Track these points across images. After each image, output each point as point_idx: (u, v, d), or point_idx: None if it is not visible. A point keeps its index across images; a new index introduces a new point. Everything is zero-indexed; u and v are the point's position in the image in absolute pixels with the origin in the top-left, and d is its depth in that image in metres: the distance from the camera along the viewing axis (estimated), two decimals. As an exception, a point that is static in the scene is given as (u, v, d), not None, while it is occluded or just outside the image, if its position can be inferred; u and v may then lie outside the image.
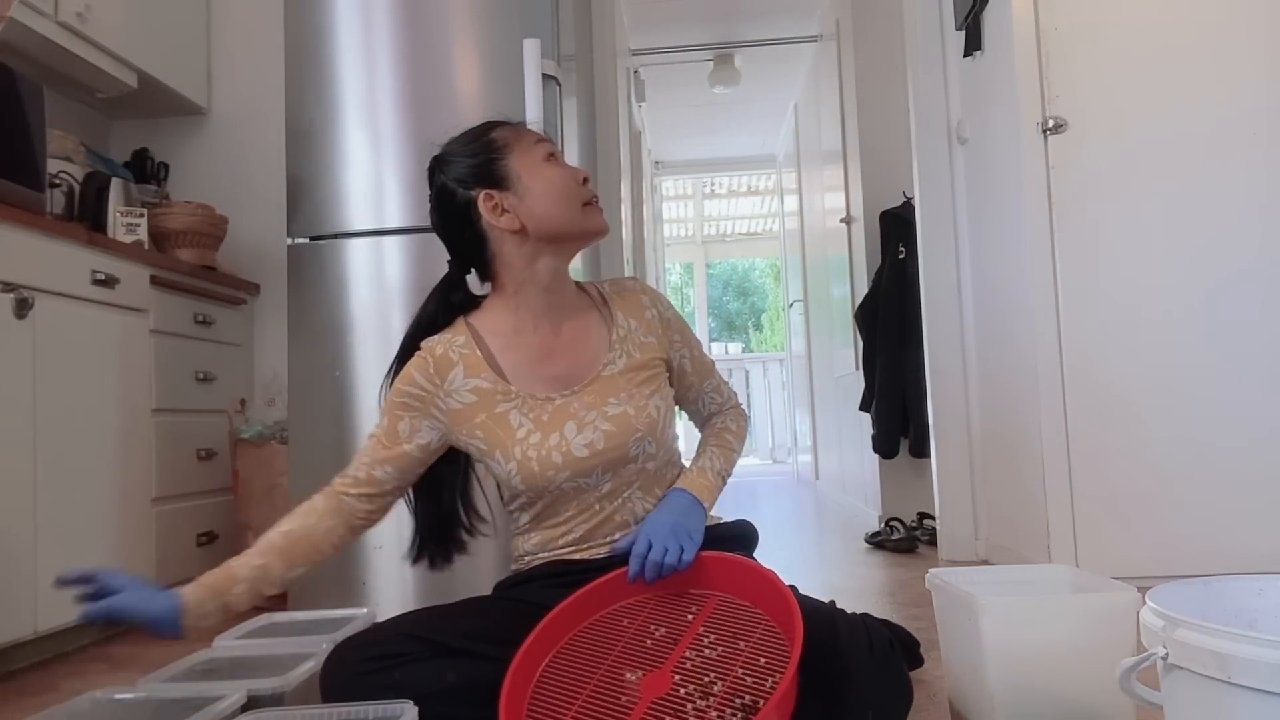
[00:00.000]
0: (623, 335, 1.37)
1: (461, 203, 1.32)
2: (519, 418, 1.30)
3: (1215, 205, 2.37)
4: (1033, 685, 1.19)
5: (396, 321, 2.27)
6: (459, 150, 1.36)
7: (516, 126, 1.37)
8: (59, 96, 2.85)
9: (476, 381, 1.31)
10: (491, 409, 1.30)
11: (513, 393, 1.31)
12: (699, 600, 1.19)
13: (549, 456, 1.27)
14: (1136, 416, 2.37)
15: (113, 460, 2.31)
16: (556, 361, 1.34)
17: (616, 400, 1.31)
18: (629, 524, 1.33)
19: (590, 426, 1.29)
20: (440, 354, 1.32)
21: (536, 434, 1.29)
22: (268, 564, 1.24)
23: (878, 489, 3.80)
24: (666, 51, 5.06)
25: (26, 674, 2.03)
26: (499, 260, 1.33)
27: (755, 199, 9.58)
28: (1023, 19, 2.48)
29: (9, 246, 2.00)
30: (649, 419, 1.32)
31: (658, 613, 1.18)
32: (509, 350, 1.34)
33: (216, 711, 1.07)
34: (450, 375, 1.31)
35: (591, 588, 1.21)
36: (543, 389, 1.32)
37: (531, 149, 1.33)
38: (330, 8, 2.35)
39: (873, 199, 3.89)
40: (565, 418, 1.30)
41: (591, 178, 1.36)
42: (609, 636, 1.16)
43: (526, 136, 1.35)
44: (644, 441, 1.31)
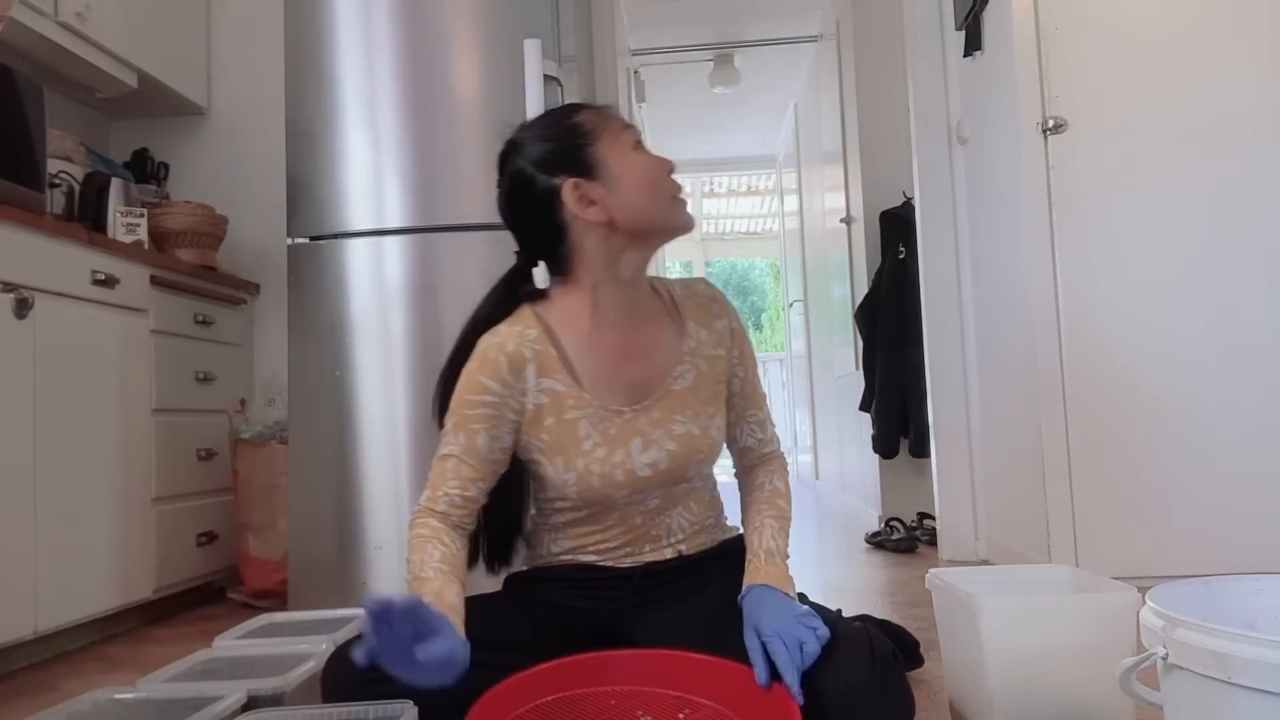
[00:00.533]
0: (693, 347, 1.29)
1: (542, 191, 1.21)
2: (588, 428, 1.22)
3: (1215, 205, 2.37)
4: (1033, 685, 1.19)
5: (396, 321, 2.27)
6: (539, 134, 1.24)
7: (601, 110, 1.26)
8: (59, 96, 2.85)
9: (550, 382, 1.22)
10: (561, 414, 1.22)
11: (585, 400, 1.22)
12: (694, 705, 1.13)
13: (612, 473, 1.21)
14: (1136, 416, 2.37)
15: (113, 460, 2.31)
16: (631, 367, 1.25)
17: (683, 418, 1.25)
18: (662, 538, 1.29)
19: (656, 445, 1.23)
20: (513, 350, 1.21)
21: (603, 448, 1.22)
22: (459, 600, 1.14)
23: (878, 489, 3.80)
24: (666, 51, 5.06)
25: (26, 674, 2.02)
26: (579, 254, 1.22)
27: (755, 198, 9.59)
28: (1023, 19, 2.49)
29: (9, 246, 2.00)
30: (711, 441, 1.27)
31: (647, 703, 1.14)
32: (585, 352, 1.24)
33: (216, 711, 1.07)
34: (525, 372, 1.21)
35: (589, 658, 1.16)
36: (615, 399, 1.23)
37: (619, 135, 1.23)
38: (330, 8, 2.35)
39: (873, 199, 3.89)
40: (633, 433, 1.23)
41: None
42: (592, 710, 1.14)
43: (613, 122, 1.24)
44: (704, 463, 1.28)
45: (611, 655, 1.18)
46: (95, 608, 2.22)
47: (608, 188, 1.20)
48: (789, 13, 4.82)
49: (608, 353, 1.24)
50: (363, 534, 2.25)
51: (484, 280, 2.24)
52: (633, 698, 1.14)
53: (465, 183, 2.29)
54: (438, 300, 2.27)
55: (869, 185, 3.92)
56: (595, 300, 1.24)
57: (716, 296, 1.34)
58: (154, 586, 2.44)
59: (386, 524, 2.24)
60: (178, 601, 2.63)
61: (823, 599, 1.34)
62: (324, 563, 2.25)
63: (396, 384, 2.26)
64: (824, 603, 1.28)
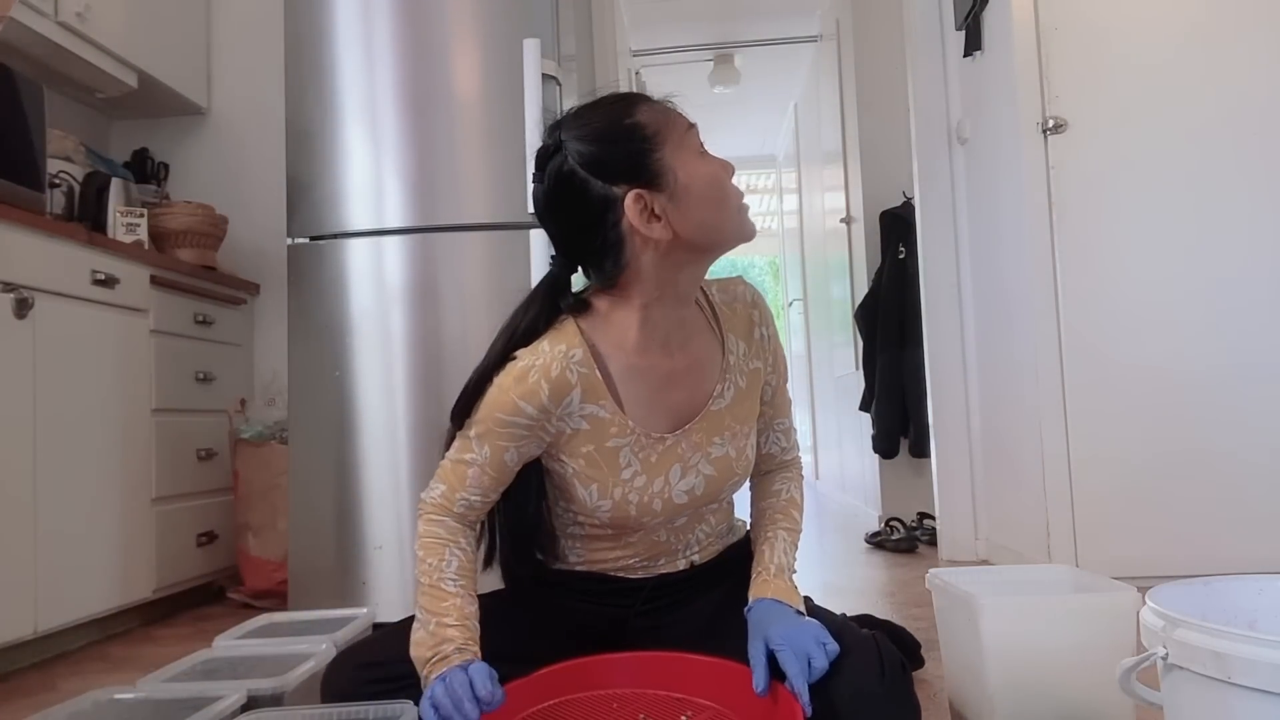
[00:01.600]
0: (733, 363, 1.22)
1: (598, 199, 1.08)
2: (629, 456, 1.16)
3: (1215, 205, 2.37)
4: (1033, 685, 1.19)
5: (396, 321, 2.27)
6: (593, 132, 1.11)
7: (663, 106, 1.13)
8: (59, 96, 2.85)
9: (593, 409, 1.14)
10: (602, 442, 1.15)
11: (629, 428, 1.15)
12: (696, 706, 1.13)
13: (649, 503, 1.17)
14: (1136, 416, 2.37)
15: (113, 460, 2.31)
16: (676, 391, 1.18)
17: (720, 440, 1.20)
18: (679, 552, 1.27)
19: (694, 471, 1.18)
20: (557, 376, 1.11)
21: (642, 477, 1.16)
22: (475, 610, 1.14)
23: (878, 489, 3.80)
24: (666, 52, 5.06)
25: (26, 674, 2.02)
26: (633, 269, 1.11)
27: (755, 198, 9.57)
28: (1023, 19, 2.49)
29: (9, 246, 2.00)
30: (747, 462, 1.23)
31: (649, 706, 1.14)
32: (631, 376, 1.16)
33: (216, 711, 1.07)
34: (566, 400, 1.12)
35: (590, 661, 1.16)
36: (658, 425, 1.17)
37: (685, 138, 1.11)
38: (330, 8, 2.35)
39: (873, 199, 3.89)
40: (672, 460, 1.17)
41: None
42: (594, 712, 1.13)
43: (677, 121, 1.12)
44: (737, 484, 1.24)
45: (612, 658, 1.18)
46: (95, 608, 2.22)
47: (673, 200, 1.08)
48: (789, 13, 4.82)
49: (654, 376, 1.16)
50: (363, 534, 2.25)
51: (484, 280, 2.27)
52: (635, 701, 1.14)
53: (465, 183, 2.29)
54: (438, 300, 2.27)
55: (869, 185, 3.92)
56: (645, 318, 1.14)
57: (757, 302, 1.25)
58: (154, 586, 2.44)
59: (386, 524, 2.24)
60: (178, 601, 2.63)
61: (823, 599, 1.34)
62: (324, 563, 2.25)
63: (396, 384, 2.26)
64: (824, 603, 1.28)
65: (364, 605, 2.12)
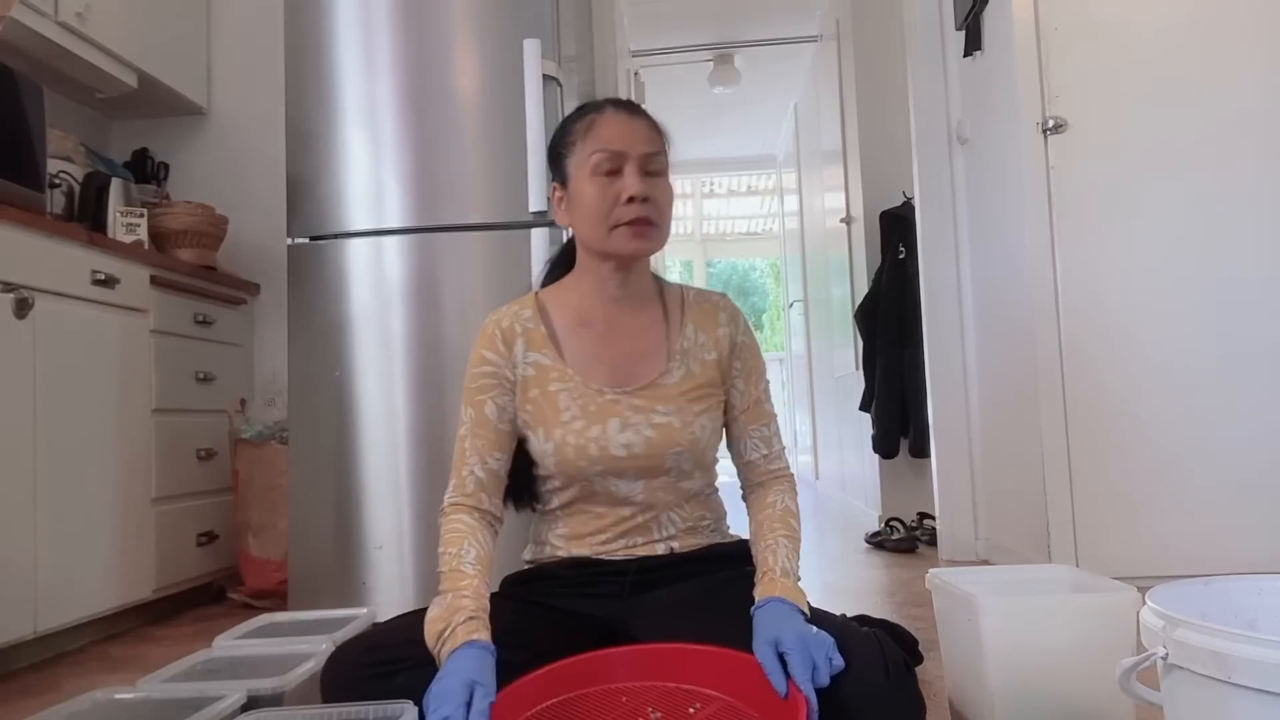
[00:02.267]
0: (686, 347, 1.32)
1: (551, 179, 1.36)
2: (567, 400, 1.28)
3: (1215, 205, 2.37)
4: (1033, 685, 1.19)
5: (396, 321, 2.27)
6: (560, 123, 1.35)
7: (597, 118, 1.28)
8: (59, 96, 2.85)
9: (537, 356, 1.30)
10: (545, 386, 1.29)
11: (568, 375, 1.29)
12: (703, 698, 1.12)
13: (586, 446, 1.26)
14: (1136, 416, 2.37)
15: (113, 460, 2.31)
16: (616, 351, 1.31)
17: (665, 409, 1.28)
18: (653, 531, 1.31)
19: (633, 429, 1.26)
20: (506, 326, 1.32)
21: (580, 421, 1.27)
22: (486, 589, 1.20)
23: (878, 489, 3.80)
24: (666, 52, 5.06)
25: (26, 674, 2.03)
26: (577, 242, 1.33)
27: (755, 199, 9.58)
28: (1023, 19, 2.49)
29: (9, 246, 2.00)
30: (691, 436, 1.28)
31: (658, 699, 1.13)
32: (572, 332, 1.32)
33: (216, 711, 1.07)
34: (515, 346, 1.31)
35: (596, 656, 1.16)
36: (597, 378, 1.29)
37: (589, 157, 1.25)
38: (330, 8, 2.35)
39: (873, 199, 3.89)
40: (611, 414, 1.27)
41: (652, 195, 1.25)
42: (602, 707, 1.13)
43: (591, 140, 1.26)
44: (681, 456, 1.28)
45: (617, 652, 1.18)
46: (95, 608, 2.22)
47: (569, 203, 1.29)
48: (789, 13, 4.82)
49: (593, 333, 1.31)
50: (363, 534, 2.25)
51: (484, 280, 2.27)
52: (643, 693, 1.14)
53: (465, 183, 2.29)
54: (438, 300, 2.27)
55: (869, 185, 3.92)
56: (585, 290, 1.33)
57: (727, 308, 1.37)
58: (154, 586, 2.44)
59: (386, 524, 2.24)
60: (178, 601, 2.63)
61: (823, 599, 1.35)
62: (324, 563, 2.25)
63: (396, 384, 2.26)
64: (824, 603, 1.28)
65: (364, 605, 2.12)
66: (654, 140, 1.28)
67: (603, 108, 1.29)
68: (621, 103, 1.31)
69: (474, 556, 1.20)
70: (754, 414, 1.35)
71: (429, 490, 2.23)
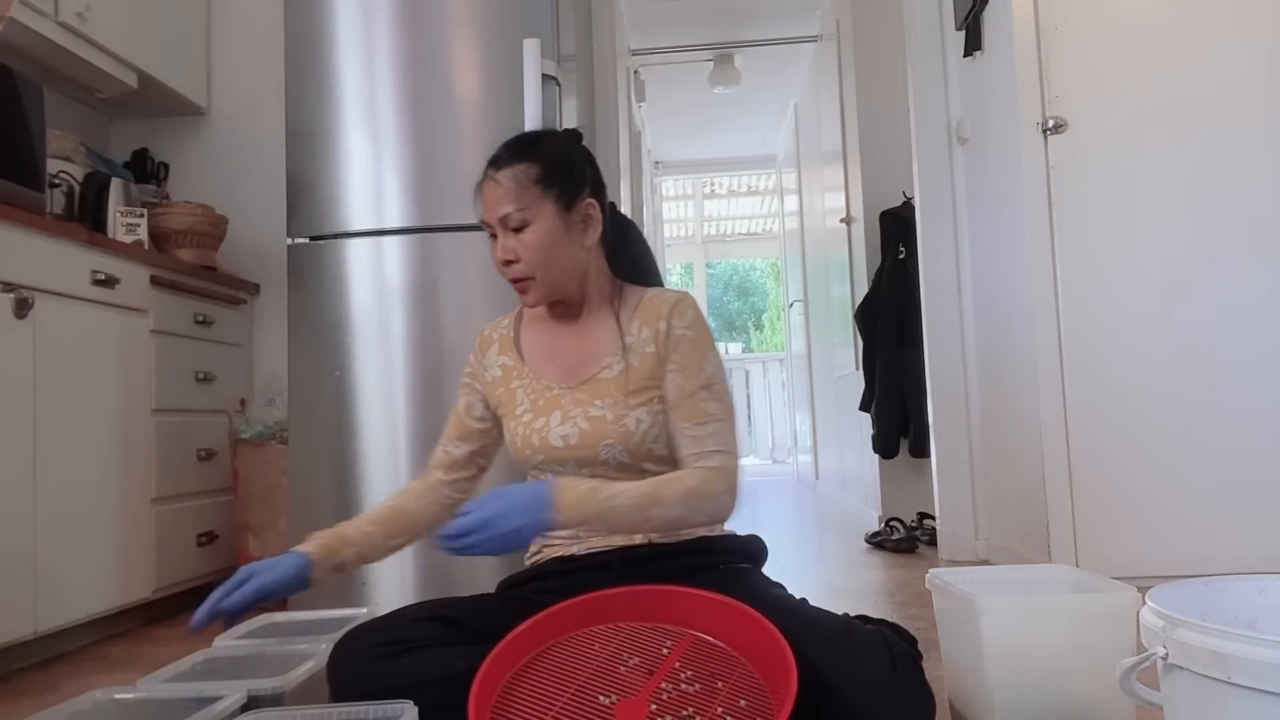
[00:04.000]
0: (629, 343, 1.36)
1: None
2: (522, 396, 1.38)
3: (1216, 204, 2.37)
4: (1033, 685, 1.19)
5: (396, 321, 2.28)
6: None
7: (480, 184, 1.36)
8: (59, 96, 2.85)
9: (504, 359, 1.42)
10: (509, 384, 1.40)
11: (525, 373, 1.40)
12: (675, 636, 1.14)
13: (530, 437, 1.34)
14: (1136, 416, 2.37)
15: (113, 460, 2.31)
16: (567, 351, 1.39)
17: (601, 404, 1.33)
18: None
19: (571, 421, 1.33)
20: (486, 334, 1.47)
21: (529, 414, 1.36)
22: (373, 531, 1.36)
23: (878, 489, 3.80)
24: (666, 51, 5.06)
25: (26, 674, 2.02)
26: None
27: (755, 199, 9.59)
28: (1023, 19, 2.49)
29: (9, 246, 2.00)
30: (624, 429, 1.31)
31: (631, 642, 1.14)
32: (532, 336, 1.43)
33: (216, 711, 1.07)
34: (489, 352, 1.44)
35: (564, 607, 1.18)
36: (548, 376, 1.38)
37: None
38: (330, 8, 2.35)
39: (873, 199, 3.89)
40: (554, 407, 1.35)
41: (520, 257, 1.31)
42: (579, 657, 1.13)
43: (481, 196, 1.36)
44: (614, 448, 1.31)
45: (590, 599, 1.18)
46: (95, 608, 2.22)
47: None
48: (789, 13, 4.82)
49: (546, 336, 1.42)
50: (363, 534, 2.24)
51: (484, 280, 2.27)
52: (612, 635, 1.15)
53: (465, 183, 2.26)
54: (438, 300, 2.27)
55: (869, 185, 3.92)
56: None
57: (676, 303, 1.37)
58: (154, 586, 2.44)
59: (386, 524, 2.24)
60: (178, 601, 2.63)
61: (823, 599, 1.35)
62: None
63: (396, 384, 2.26)
64: (823, 603, 1.28)
65: (364, 605, 2.12)
66: (508, 198, 1.30)
67: (483, 178, 1.35)
68: (495, 158, 1.34)
69: (389, 504, 1.40)
70: (687, 410, 1.31)
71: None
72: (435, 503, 1.41)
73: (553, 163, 1.33)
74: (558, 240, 1.32)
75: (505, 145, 1.37)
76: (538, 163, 1.32)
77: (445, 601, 1.35)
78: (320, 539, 1.32)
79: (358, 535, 1.35)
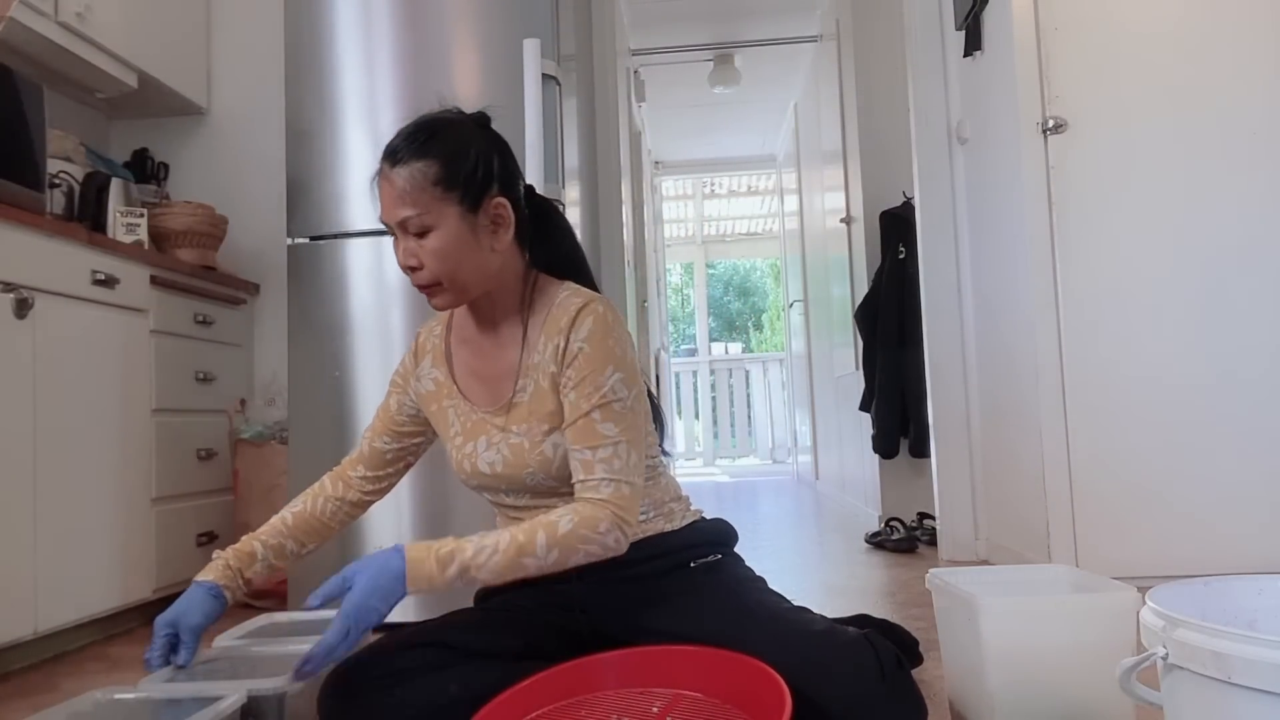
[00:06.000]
0: (535, 361, 1.27)
1: None
2: (453, 417, 1.34)
3: (1216, 205, 2.37)
4: (1033, 685, 1.19)
5: (396, 321, 2.27)
6: None
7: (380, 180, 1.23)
8: (59, 96, 2.85)
9: (436, 373, 1.37)
10: (441, 401, 1.36)
11: (455, 392, 1.34)
12: (664, 697, 1.12)
13: (462, 462, 1.32)
14: (1136, 417, 2.37)
15: (113, 460, 2.31)
16: (487, 368, 1.33)
17: (518, 430, 1.27)
18: None
19: (495, 448, 1.29)
20: (422, 340, 1.40)
21: (460, 437, 1.32)
22: (281, 544, 1.34)
23: (878, 489, 3.80)
24: (666, 51, 5.06)
25: (26, 674, 2.02)
26: None
27: (755, 199, 9.58)
28: (1023, 19, 2.48)
29: (9, 246, 2.00)
30: (541, 457, 1.25)
31: (619, 704, 1.13)
32: (460, 346, 1.37)
33: (217, 711, 1.07)
34: (423, 361, 1.38)
35: (547, 675, 1.16)
36: (475, 397, 1.33)
37: None
38: (330, 8, 2.35)
39: (873, 199, 3.89)
40: (480, 431, 1.31)
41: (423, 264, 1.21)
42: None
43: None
44: (535, 475, 1.26)
45: (593, 660, 1.17)
46: (95, 608, 2.22)
47: None
48: (789, 13, 4.82)
49: (471, 347, 1.35)
50: (362, 534, 2.25)
51: (484, 280, 2.26)
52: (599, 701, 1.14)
53: (465, 183, 2.29)
54: (438, 300, 2.27)
55: (869, 185, 3.92)
56: (464, 309, 1.34)
57: (577, 315, 1.24)
58: (154, 586, 2.44)
59: (386, 524, 2.24)
60: (178, 601, 2.63)
61: (823, 599, 1.35)
62: (324, 563, 2.25)
63: (396, 384, 2.26)
64: (824, 604, 1.28)
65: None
66: (406, 199, 1.18)
67: (379, 170, 1.22)
68: (391, 151, 1.21)
69: (295, 509, 1.37)
70: (579, 431, 1.20)
71: (428, 490, 2.23)
72: (348, 501, 1.38)
73: (453, 159, 1.20)
74: (463, 245, 1.20)
75: (401, 135, 1.22)
76: (436, 161, 1.19)
77: (429, 625, 1.32)
78: (225, 560, 1.29)
79: (264, 551, 1.32)
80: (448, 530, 2.31)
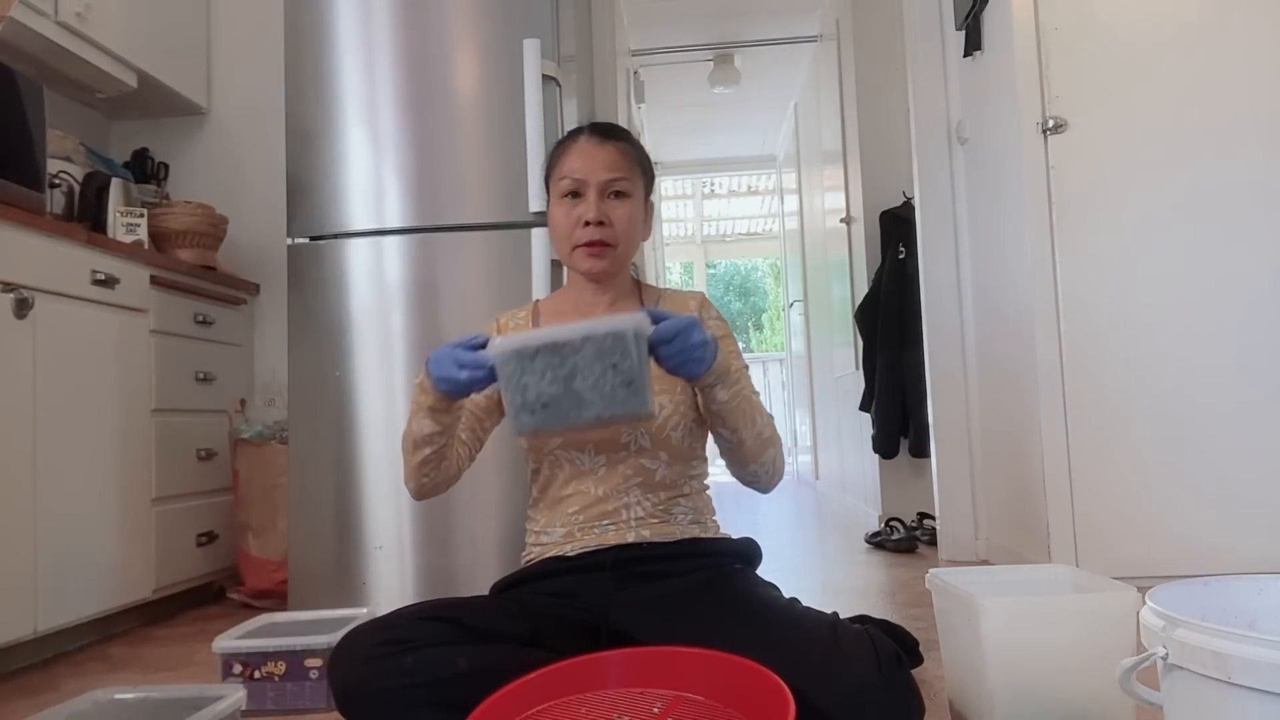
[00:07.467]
0: None
1: None
2: None
3: (1216, 205, 2.37)
4: (1033, 685, 1.19)
5: (396, 321, 2.28)
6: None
7: (570, 145, 1.40)
8: (59, 96, 2.85)
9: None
10: None
11: None
12: (665, 698, 1.13)
13: None
14: (1136, 416, 2.37)
15: (113, 460, 2.31)
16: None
17: None
18: (621, 513, 1.34)
19: None
20: (503, 323, 1.49)
21: None
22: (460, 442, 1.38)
23: (878, 489, 3.80)
24: (666, 51, 5.06)
25: (26, 674, 2.03)
26: None
27: (755, 199, 9.58)
28: (1023, 19, 2.49)
29: (9, 246, 2.00)
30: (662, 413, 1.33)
31: (621, 704, 1.14)
32: (552, 321, 1.44)
33: (217, 711, 1.07)
34: (507, 331, 1.45)
35: (554, 669, 1.16)
36: None
37: (558, 182, 1.39)
38: (330, 8, 2.35)
39: (873, 199, 3.89)
40: None
41: (609, 218, 1.36)
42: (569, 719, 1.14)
43: (561, 166, 1.39)
44: (637, 432, 1.33)
45: (598, 657, 1.18)
46: (95, 608, 2.22)
47: (549, 222, 1.43)
48: (789, 13, 4.82)
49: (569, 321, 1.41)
50: (363, 534, 2.25)
51: (484, 280, 2.27)
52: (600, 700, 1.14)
53: (465, 183, 2.29)
54: (438, 300, 2.27)
55: (869, 185, 3.92)
56: (571, 293, 1.46)
57: (703, 300, 1.46)
58: (154, 586, 2.44)
59: (386, 524, 2.24)
60: (178, 601, 2.63)
61: (823, 599, 1.35)
62: (324, 563, 2.25)
63: (396, 384, 2.26)
64: (824, 603, 1.28)
65: (364, 605, 2.12)
66: (618, 167, 1.37)
67: (578, 135, 1.41)
68: (598, 128, 1.41)
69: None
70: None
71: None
72: (465, 444, 1.41)
73: (643, 152, 1.44)
74: (638, 220, 1.40)
75: (599, 123, 1.44)
76: (635, 148, 1.42)
77: (445, 602, 1.35)
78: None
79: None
80: (448, 529, 2.31)
